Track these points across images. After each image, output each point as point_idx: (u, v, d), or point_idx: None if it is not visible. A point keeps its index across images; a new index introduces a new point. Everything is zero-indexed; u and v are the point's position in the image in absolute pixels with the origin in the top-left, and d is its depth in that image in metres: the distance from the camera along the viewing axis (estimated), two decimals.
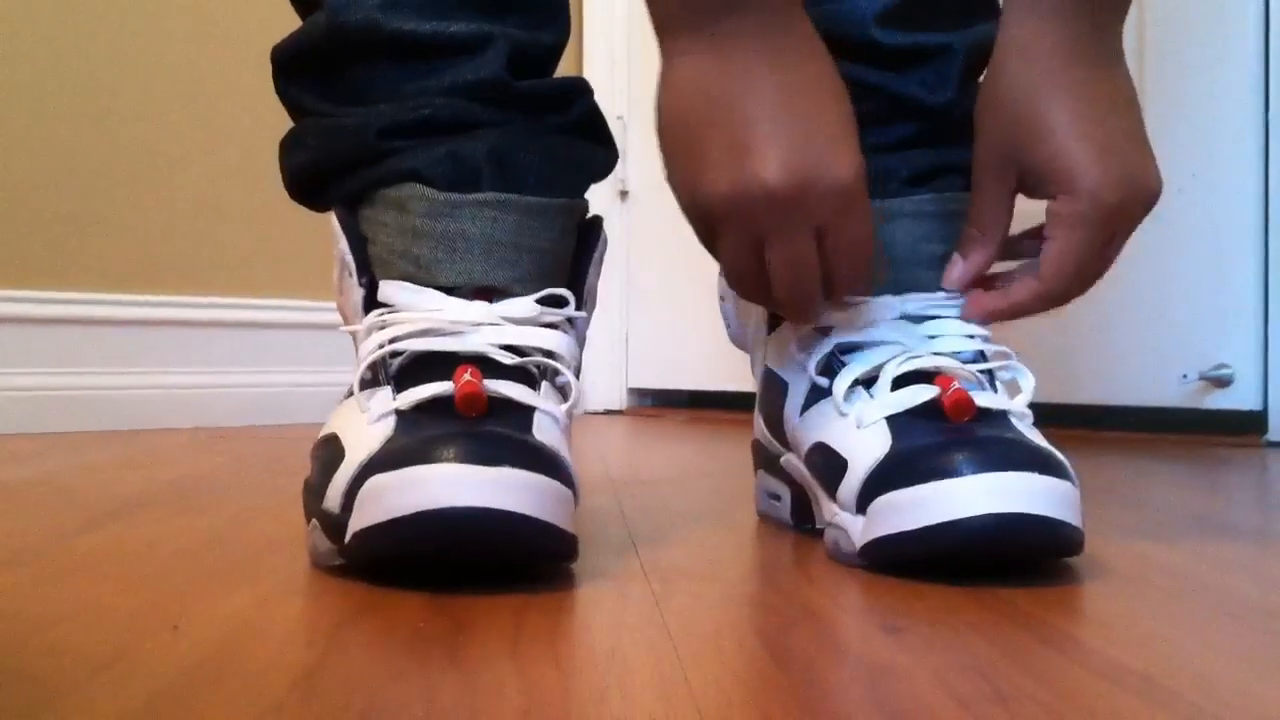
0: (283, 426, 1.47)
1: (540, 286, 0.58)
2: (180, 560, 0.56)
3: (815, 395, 0.63)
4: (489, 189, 0.58)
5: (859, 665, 0.40)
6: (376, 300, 0.58)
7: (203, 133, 1.51)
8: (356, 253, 0.59)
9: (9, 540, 0.62)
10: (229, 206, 1.53)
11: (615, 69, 1.93)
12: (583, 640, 0.43)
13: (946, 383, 0.58)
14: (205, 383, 1.49)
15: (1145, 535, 0.67)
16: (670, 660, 0.39)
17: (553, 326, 0.58)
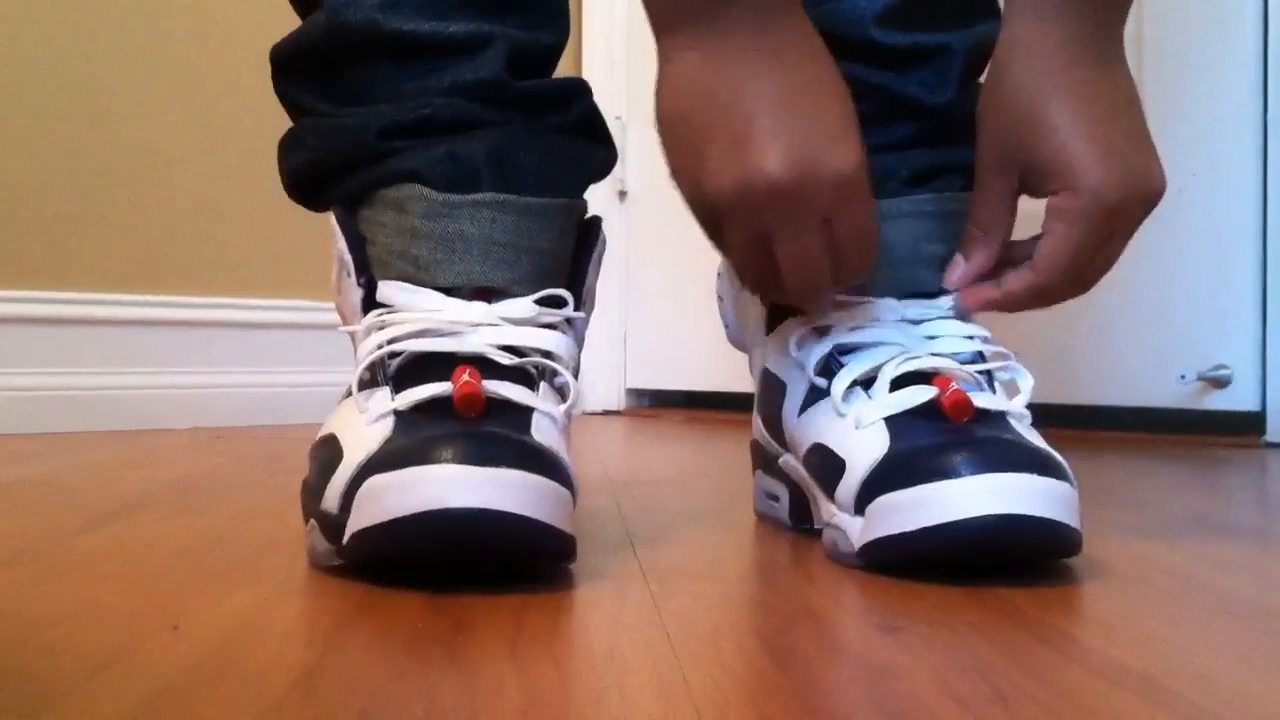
0: (282, 426, 1.47)
1: (539, 287, 0.58)
2: (180, 560, 0.56)
3: (814, 396, 0.63)
4: (488, 189, 0.58)
5: (858, 665, 0.40)
6: (375, 300, 0.58)
7: (203, 133, 1.51)
8: (355, 253, 0.59)
9: (9, 540, 0.62)
10: (229, 206, 1.53)
11: (614, 69, 1.93)
12: (581, 640, 0.43)
13: (945, 383, 0.58)
14: (205, 383, 1.49)
15: (1145, 535, 0.67)
16: (669, 660, 0.39)
17: (551, 327, 0.58)
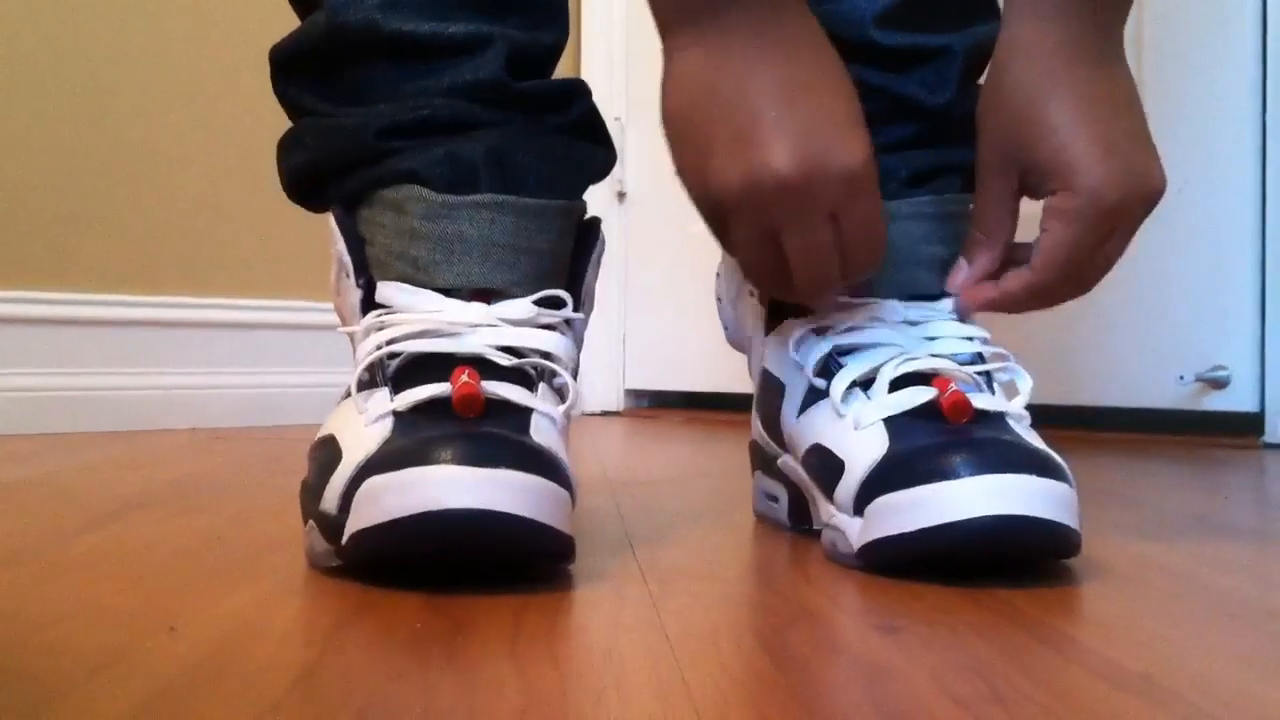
0: (281, 427, 1.47)
1: (538, 288, 0.58)
2: (180, 560, 0.56)
3: (813, 396, 0.63)
4: (487, 190, 0.58)
5: (856, 665, 0.40)
6: (374, 301, 0.58)
7: (203, 133, 1.51)
8: (354, 254, 0.59)
9: (9, 540, 0.62)
10: (229, 206, 1.53)
11: (614, 70, 1.93)
12: (580, 640, 0.43)
13: (944, 384, 0.58)
14: (204, 383, 1.49)
15: (1144, 536, 0.67)
16: (668, 660, 0.39)
17: (550, 328, 0.58)
